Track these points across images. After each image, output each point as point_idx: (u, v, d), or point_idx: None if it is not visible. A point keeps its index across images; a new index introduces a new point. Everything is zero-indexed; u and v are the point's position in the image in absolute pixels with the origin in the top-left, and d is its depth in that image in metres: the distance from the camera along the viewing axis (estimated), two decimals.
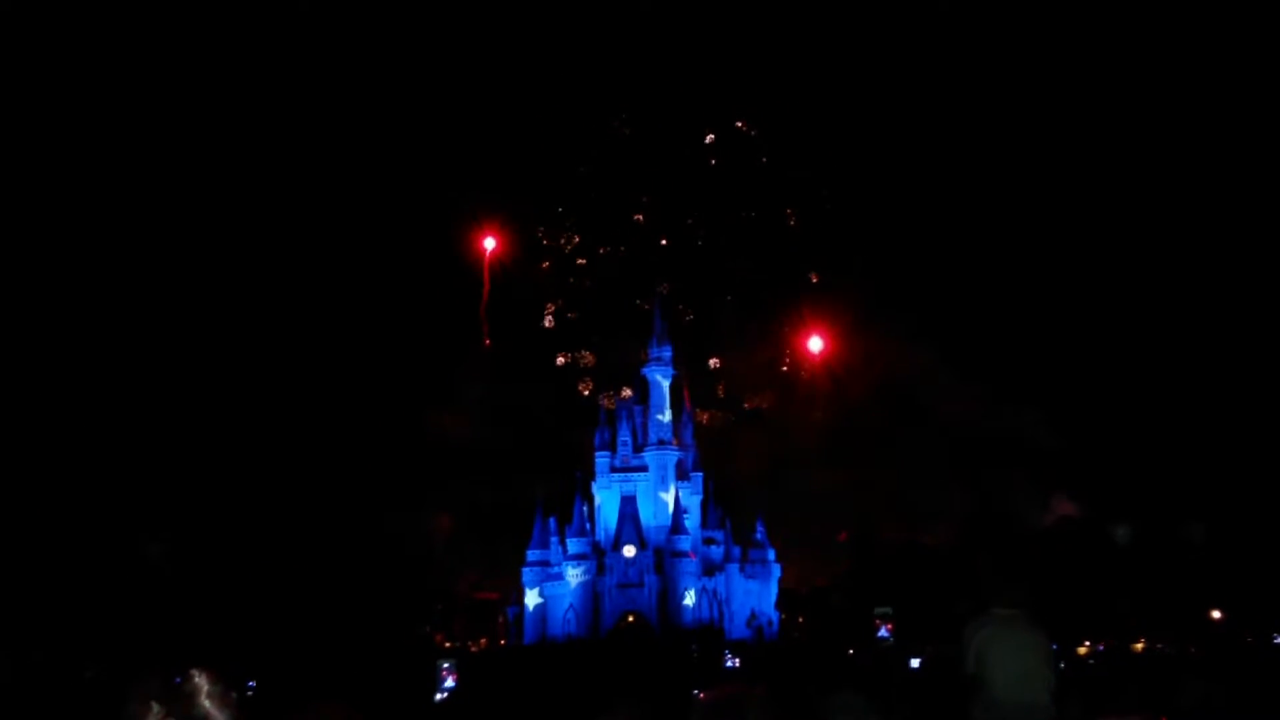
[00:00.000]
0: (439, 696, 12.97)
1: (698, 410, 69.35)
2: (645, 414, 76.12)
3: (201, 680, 2.46)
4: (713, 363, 74.43)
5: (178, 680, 2.55)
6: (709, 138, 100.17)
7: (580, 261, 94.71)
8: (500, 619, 73.64)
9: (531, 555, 72.47)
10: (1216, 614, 42.48)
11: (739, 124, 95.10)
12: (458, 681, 13.19)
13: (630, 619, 68.22)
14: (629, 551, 70.22)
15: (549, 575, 71.93)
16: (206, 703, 2.46)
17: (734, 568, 72.29)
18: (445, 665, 13.75)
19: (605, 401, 78.25)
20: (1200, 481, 47.09)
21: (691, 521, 73.29)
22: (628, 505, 72.36)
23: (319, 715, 1.65)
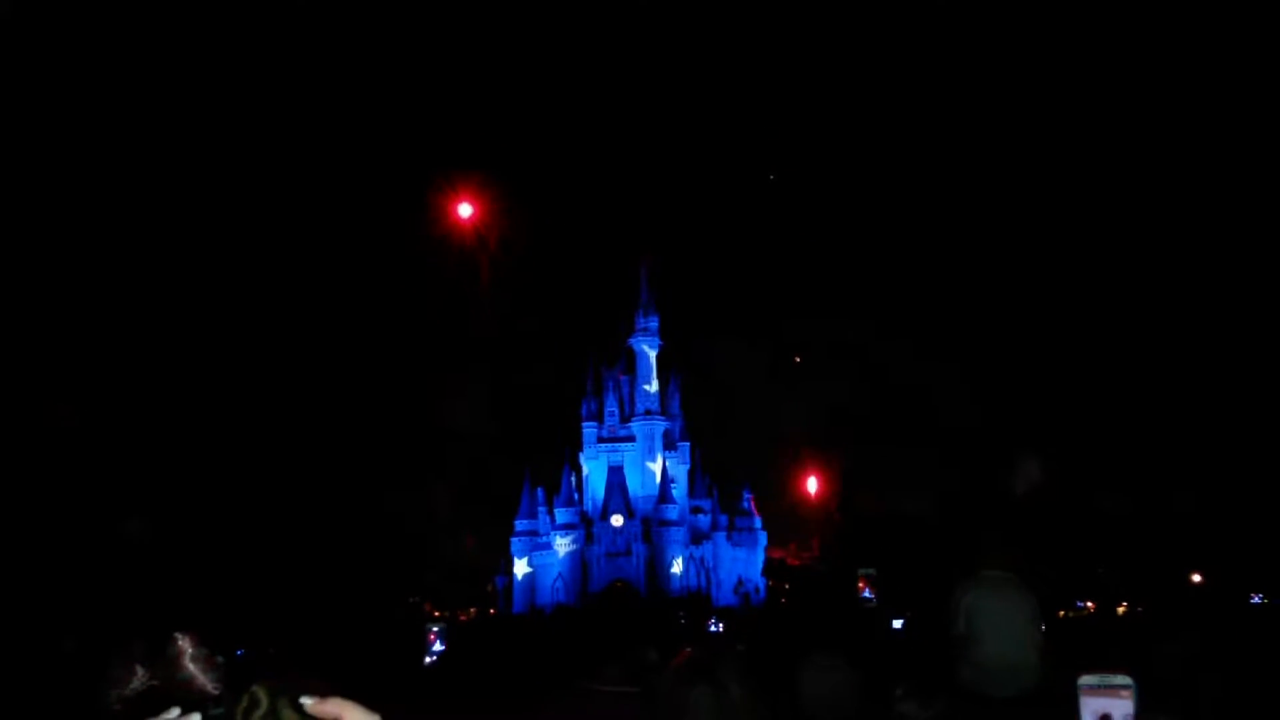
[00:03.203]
0: (427, 660, 13.11)
1: None
2: (632, 384, 76.27)
3: (185, 643, 2.43)
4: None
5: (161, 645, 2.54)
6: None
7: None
8: (489, 588, 74.14)
9: (520, 525, 72.84)
10: (1197, 577, 43.15)
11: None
12: (446, 646, 13.33)
13: (618, 586, 68.81)
14: (617, 521, 70.66)
15: (537, 545, 72.34)
16: (191, 666, 2.43)
17: (721, 536, 72.88)
18: (434, 630, 13.88)
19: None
20: (1182, 448, 47.70)
21: (679, 491, 73.73)
22: (615, 475, 72.71)
23: (283, 683, 1.64)
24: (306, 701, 1.07)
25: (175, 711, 1.08)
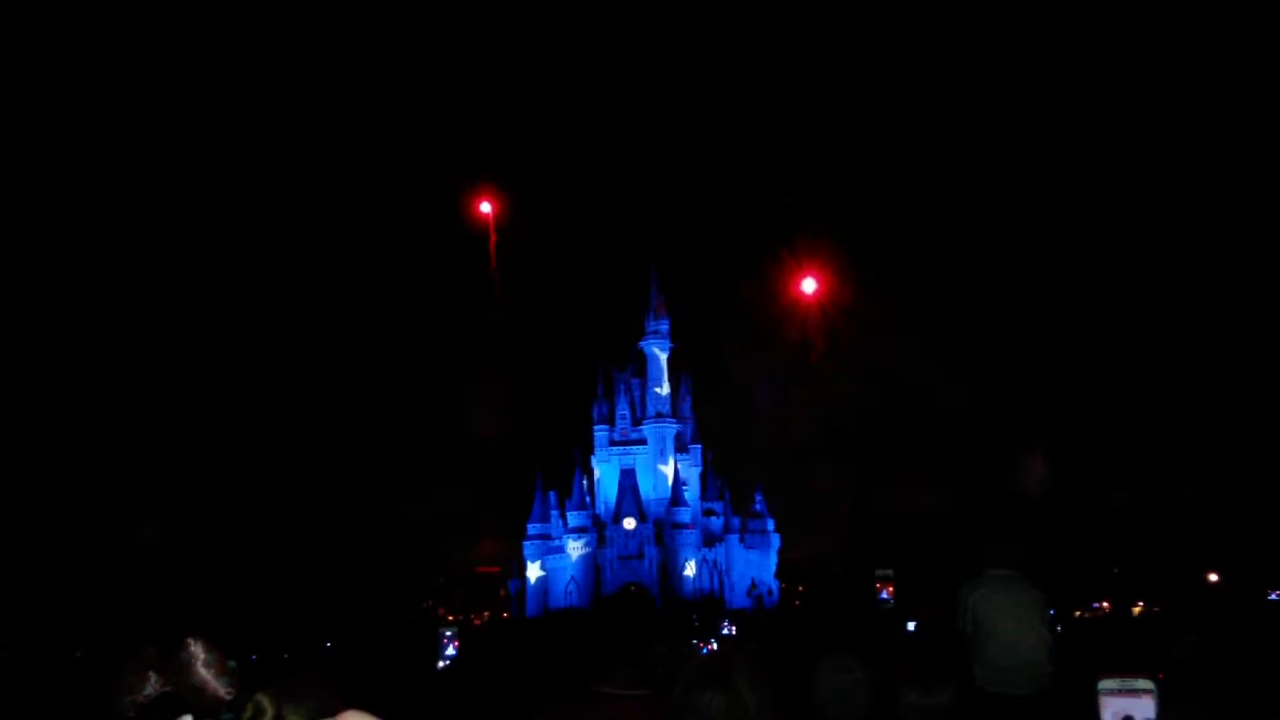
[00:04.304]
0: (440, 664, 13.17)
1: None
2: (643, 387, 76.21)
3: (197, 649, 2.45)
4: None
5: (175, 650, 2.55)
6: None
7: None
8: (502, 592, 74.17)
9: (532, 529, 72.83)
10: (1213, 576, 42.82)
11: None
12: (459, 650, 13.39)
13: (631, 590, 68.68)
14: (629, 524, 70.57)
15: (550, 548, 72.33)
16: (203, 671, 2.45)
17: (734, 538, 72.71)
18: (447, 634, 13.95)
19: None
20: (1197, 447, 47.38)
21: (691, 493, 73.60)
22: (627, 478, 72.61)
23: (288, 690, 1.65)
24: None
25: (188, 718, 1.09)
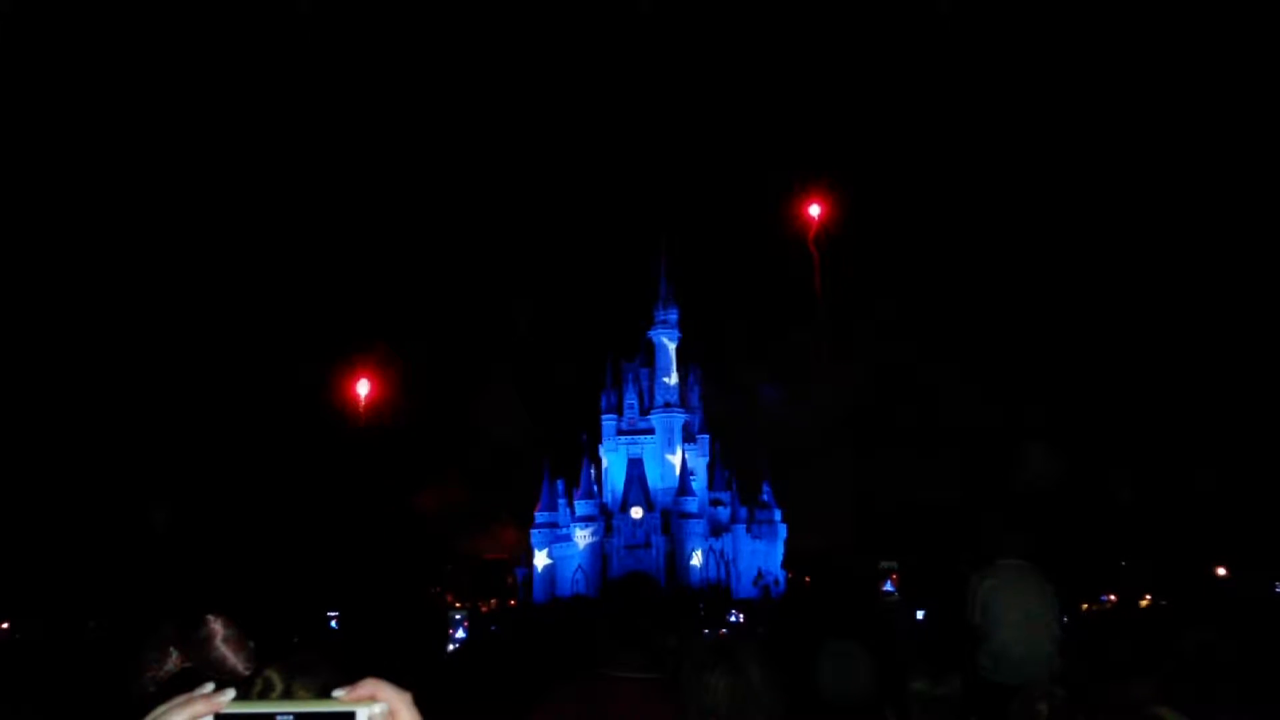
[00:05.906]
0: (450, 648, 13.32)
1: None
2: (651, 377, 76.24)
3: (217, 625, 2.49)
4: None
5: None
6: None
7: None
8: (510, 580, 74.44)
9: (540, 517, 73.07)
10: (1221, 570, 42.74)
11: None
12: (468, 634, 13.55)
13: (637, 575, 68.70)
14: (636, 513, 70.69)
15: (557, 537, 72.56)
16: (222, 647, 2.49)
17: (741, 528, 72.78)
18: (457, 618, 14.11)
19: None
20: (1206, 442, 47.22)
21: (698, 483, 73.66)
22: (635, 467, 72.71)
23: (296, 665, 1.68)
24: (339, 693, 1.09)
25: (210, 686, 1.11)
